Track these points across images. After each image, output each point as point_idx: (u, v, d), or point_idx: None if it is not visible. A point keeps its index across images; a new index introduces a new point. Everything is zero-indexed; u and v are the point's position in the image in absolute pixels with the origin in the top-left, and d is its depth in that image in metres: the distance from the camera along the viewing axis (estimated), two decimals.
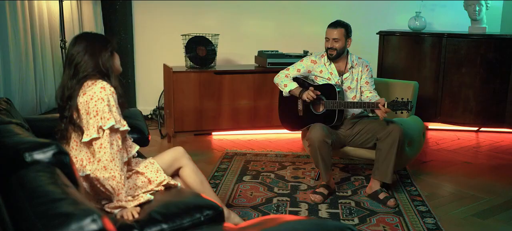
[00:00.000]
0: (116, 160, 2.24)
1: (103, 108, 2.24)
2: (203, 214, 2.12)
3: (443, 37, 4.81)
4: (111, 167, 2.22)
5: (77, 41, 2.38)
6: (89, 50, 2.33)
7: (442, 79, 4.85)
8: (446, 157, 4.62)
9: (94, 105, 2.25)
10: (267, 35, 5.56)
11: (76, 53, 2.33)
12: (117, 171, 2.22)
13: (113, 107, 2.29)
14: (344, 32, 3.58)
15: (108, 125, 2.23)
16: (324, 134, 3.40)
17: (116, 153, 2.25)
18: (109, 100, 2.27)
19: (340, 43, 3.57)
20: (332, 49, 3.58)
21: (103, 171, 2.21)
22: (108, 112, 2.24)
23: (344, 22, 3.61)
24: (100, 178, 2.21)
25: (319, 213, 3.31)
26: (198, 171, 2.67)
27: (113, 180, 2.21)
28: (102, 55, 2.35)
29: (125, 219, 2.10)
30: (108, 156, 2.22)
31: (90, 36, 2.43)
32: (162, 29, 5.57)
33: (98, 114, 2.24)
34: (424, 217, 3.27)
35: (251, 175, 3.99)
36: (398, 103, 3.40)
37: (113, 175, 2.21)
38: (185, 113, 4.60)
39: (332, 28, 3.58)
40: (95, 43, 2.37)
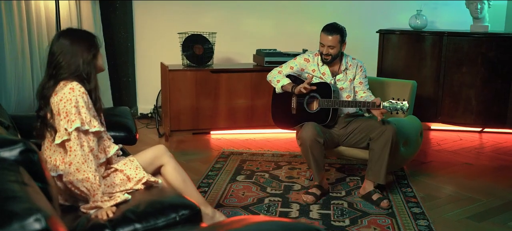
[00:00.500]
0: (88, 161, 2.21)
1: (70, 110, 2.23)
2: (178, 214, 2.08)
3: (444, 35, 4.72)
4: (84, 168, 2.19)
5: (60, 39, 2.35)
6: (71, 51, 2.31)
7: (442, 79, 4.76)
8: (446, 157, 4.53)
9: (63, 106, 2.24)
10: (266, 33, 5.51)
11: (58, 53, 2.32)
12: (90, 172, 2.19)
13: (83, 108, 2.26)
14: (339, 38, 3.49)
15: (73, 126, 2.21)
16: (316, 133, 3.34)
17: (88, 154, 2.22)
18: (77, 101, 2.25)
19: (335, 50, 3.50)
20: (327, 55, 3.52)
21: (76, 173, 2.19)
22: (74, 114, 2.22)
23: (339, 27, 3.51)
24: (73, 181, 2.18)
25: (310, 214, 3.25)
26: (180, 169, 2.63)
27: (87, 182, 2.18)
28: (84, 58, 2.33)
29: (99, 218, 2.06)
30: (79, 158, 2.20)
31: (74, 35, 2.38)
32: (162, 27, 5.55)
33: (67, 116, 2.23)
34: (417, 219, 3.20)
35: (245, 174, 3.95)
36: (393, 104, 3.34)
37: (86, 177, 2.18)
38: (182, 112, 4.57)
39: (327, 34, 3.48)
40: (78, 44, 2.34)
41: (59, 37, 2.37)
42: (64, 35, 2.37)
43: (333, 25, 3.52)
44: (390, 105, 3.34)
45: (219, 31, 5.22)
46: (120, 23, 5.56)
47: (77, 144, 2.21)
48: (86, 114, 2.27)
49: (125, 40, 5.62)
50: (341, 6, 5.35)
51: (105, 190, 2.28)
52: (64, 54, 2.31)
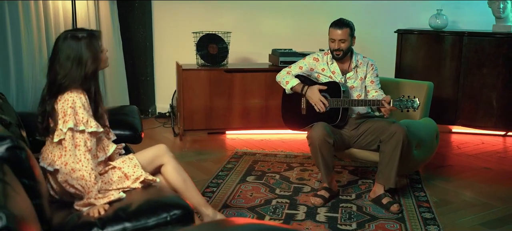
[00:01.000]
0: (83, 160, 2.22)
1: (66, 110, 2.25)
2: (170, 214, 2.06)
3: (464, 35, 4.57)
4: (79, 168, 2.21)
5: (66, 41, 2.33)
6: (77, 60, 2.30)
7: (462, 80, 4.61)
8: (465, 161, 4.39)
9: (61, 107, 2.27)
10: (284, 33, 5.45)
11: (64, 59, 2.30)
12: (86, 171, 2.20)
13: (80, 108, 2.27)
14: (349, 31, 3.44)
15: (66, 126, 2.22)
16: (326, 132, 3.28)
17: (84, 153, 2.23)
18: (74, 101, 2.27)
19: (346, 44, 3.44)
20: (338, 51, 3.45)
21: (72, 173, 2.21)
22: (69, 115, 2.24)
23: (347, 21, 3.47)
24: (68, 180, 2.19)
25: (317, 216, 3.19)
26: (180, 169, 2.61)
27: (82, 180, 2.19)
28: (88, 67, 2.32)
29: (90, 216, 2.06)
30: (74, 158, 2.22)
31: (80, 40, 2.33)
32: (180, 27, 5.55)
33: (64, 116, 2.25)
34: (428, 224, 3.10)
35: (256, 175, 3.91)
36: (403, 101, 3.25)
37: (81, 175, 2.19)
38: (195, 111, 4.57)
39: (337, 29, 3.43)
40: (84, 52, 2.31)
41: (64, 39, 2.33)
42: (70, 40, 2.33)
43: (341, 19, 3.48)
44: (400, 102, 3.25)
45: (237, 31, 5.20)
46: (138, 23, 5.59)
47: (71, 144, 2.23)
48: (83, 115, 2.27)
49: (143, 39, 5.65)
50: (360, 6, 5.26)
51: (102, 186, 2.28)
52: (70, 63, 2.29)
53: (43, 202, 1.87)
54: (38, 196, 1.84)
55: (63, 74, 2.27)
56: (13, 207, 1.30)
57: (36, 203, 1.80)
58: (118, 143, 2.78)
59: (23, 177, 1.77)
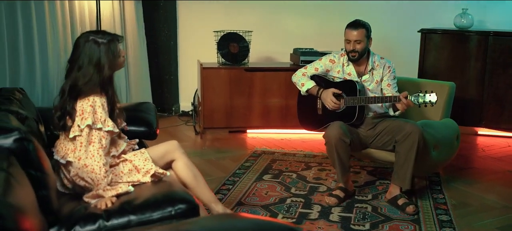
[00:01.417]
0: (96, 156, 2.28)
1: (85, 108, 2.31)
2: (175, 208, 2.09)
3: (489, 35, 4.46)
4: (90, 163, 2.27)
5: (88, 44, 2.37)
6: (97, 65, 2.35)
7: (487, 81, 4.50)
8: (490, 164, 4.29)
9: (81, 105, 2.34)
10: (307, 32, 5.44)
11: (86, 63, 2.35)
12: (97, 165, 2.27)
13: (99, 108, 2.34)
14: (365, 32, 3.39)
15: (85, 123, 2.29)
16: (342, 132, 3.26)
17: (97, 149, 2.30)
18: (94, 100, 2.33)
19: (362, 45, 3.39)
20: (354, 52, 3.41)
21: (84, 168, 2.27)
22: (89, 113, 2.30)
23: (363, 22, 3.43)
24: (79, 173, 2.25)
25: (330, 216, 3.18)
26: (191, 165, 2.64)
27: (93, 173, 2.25)
28: (105, 72, 2.37)
29: (98, 208, 2.11)
30: (87, 154, 2.28)
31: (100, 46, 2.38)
32: (205, 26, 5.58)
33: (82, 113, 2.31)
34: (443, 226, 3.05)
35: (273, 174, 3.91)
36: (421, 96, 3.20)
37: (92, 168, 2.25)
38: (215, 110, 4.60)
39: (352, 29, 3.39)
40: (103, 57, 2.36)
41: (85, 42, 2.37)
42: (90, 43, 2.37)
43: (356, 20, 3.44)
44: (417, 97, 3.20)
45: (260, 30, 5.22)
46: (163, 22, 5.67)
47: (86, 140, 2.29)
48: (101, 114, 2.35)
49: (168, 38, 5.73)
50: (384, 6, 5.20)
51: (112, 178, 2.33)
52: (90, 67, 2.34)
53: (51, 193, 1.93)
54: (45, 187, 1.89)
55: (84, 81, 2.32)
56: (12, 198, 1.34)
57: (42, 194, 1.86)
58: (134, 138, 2.84)
59: (31, 168, 1.83)
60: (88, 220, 1.98)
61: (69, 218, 1.98)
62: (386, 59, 3.55)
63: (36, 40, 4.20)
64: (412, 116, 3.75)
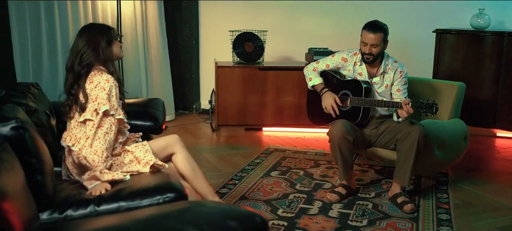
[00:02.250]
0: (102, 139, 2.45)
1: (102, 96, 2.48)
2: (163, 196, 2.20)
3: (504, 36, 4.40)
4: (96, 144, 2.43)
5: (82, 34, 2.63)
6: (91, 42, 2.57)
7: (502, 82, 4.45)
8: (503, 166, 4.24)
9: (96, 92, 2.49)
10: (324, 32, 5.49)
11: (81, 46, 2.57)
12: (101, 148, 2.43)
13: (113, 97, 2.52)
14: (383, 36, 3.35)
15: (102, 109, 2.46)
16: (345, 130, 3.30)
17: (104, 134, 2.46)
18: (110, 90, 2.51)
19: (378, 49, 3.36)
20: (369, 55, 3.39)
21: (88, 147, 2.42)
22: (106, 99, 2.47)
23: (382, 24, 3.38)
24: (82, 151, 2.41)
25: (329, 212, 3.24)
26: (190, 159, 2.76)
27: (95, 155, 2.41)
28: (101, 45, 2.57)
29: (92, 194, 2.25)
30: (95, 135, 2.44)
31: (92, 28, 2.68)
32: (226, 26, 5.71)
33: (96, 100, 2.47)
34: (441, 225, 3.06)
35: (281, 170, 3.99)
36: (422, 105, 3.20)
37: (95, 150, 2.42)
38: (229, 107, 4.72)
39: (370, 33, 3.34)
40: (95, 35, 2.60)
41: (80, 33, 2.64)
42: (83, 31, 2.65)
43: (375, 22, 3.40)
44: (418, 106, 3.20)
45: (280, 30, 5.33)
46: (185, 21, 5.82)
47: (98, 123, 2.45)
48: (115, 103, 2.52)
49: (189, 38, 5.88)
50: (401, 6, 5.19)
51: (114, 168, 2.48)
52: (86, 46, 2.56)
53: (46, 179, 2.08)
54: (40, 173, 2.05)
55: (83, 57, 2.52)
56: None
57: (37, 179, 2.02)
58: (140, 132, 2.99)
59: (26, 155, 1.99)
60: (80, 204, 2.12)
61: (63, 203, 2.13)
62: (399, 63, 3.51)
63: (58, 39, 4.42)
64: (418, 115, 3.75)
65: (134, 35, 5.24)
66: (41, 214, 2.03)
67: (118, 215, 1.85)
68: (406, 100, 3.24)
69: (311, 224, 3.05)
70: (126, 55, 5.25)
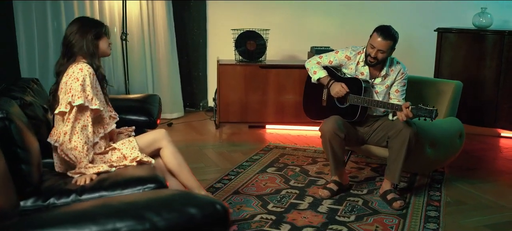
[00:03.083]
0: (80, 133, 2.50)
1: (76, 87, 2.51)
2: (144, 187, 2.29)
3: (505, 34, 4.38)
4: (75, 139, 2.49)
5: (72, 24, 2.71)
6: (79, 31, 2.65)
7: (502, 81, 4.42)
8: (502, 166, 4.22)
9: (70, 83, 2.54)
10: (330, 31, 5.52)
11: (69, 34, 2.67)
12: (80, 143, 2.49)
13: (88, 87, 2.54)
14: (392, 44, 3.33)
15: (77, 102, 2.49)
16: (337, 126, 3.34)
17: (82, 127, 2.51)
18: (84, 79, 2.53)
19: (384, 55, 3.34)
20: (374, 58, 3.37)
21: (68, 143, 2.49)
22: (80, 91, 2.50)
23: (394, 33, 3.34)
24: (64, 149, 2.49)
25: (319, 207, 3.29)
26: (177, 154, 2.82)
27: (75, 150, 2.48)
28: (87, 37, 2.64)
29: (77, 183, 2.35)
30: (73, 130, 2.49)
31: (83, 20, 2.76)
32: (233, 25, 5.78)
33: (70, 92, 2.52)
34: (429, 222, 3.09)
35: (277, 167, 4.05)
36: (422, 109, 3.15)
37: (75, 146, 2.48)
38: (231, 104, 4.79)
39: (381, 39, 3.30)
40: (85, 26, 2.67)
41: (71, 23, 2.73)
42: (74, 21, 2.74)
43: (388, 29, 3.35)
44: (417, 110, 3.16)
45: (286, 28, 5.39)
46: (193, 20, 5.92)
47: (74, 117, 2.50)
48: (90, 92, 2.55)
49: (197, 36, 5.97)
50: (404, 5, 5.20)
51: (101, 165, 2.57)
52: (74, 34, 2.65)
53: (32, 169, 2.19)
54: (26, 163, 2.16)
55: (68, 46, 2.62)
56: None
57: (22, 168, 2.13)
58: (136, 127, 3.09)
59: (12, 145, 2.10)
60: (63, 193, 2.22)
61: (47, 191, 2.23)
62: (402, 64, 3.49)
63: None
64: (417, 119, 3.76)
65: (141, 34, 5.36)
66: (25, 202, 2.14)
67: (87, 202, 1.93)
68: (407, 104, 3.21)
69: (299, 219, 3.10)
70: (132, 53, 5.38)
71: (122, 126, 3.07)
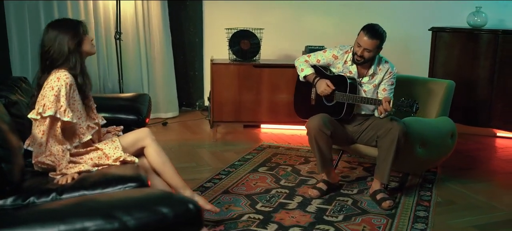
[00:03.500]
0: (51, 142, 2.47)
1: (49, 97, 2.46)
2: (124, 186, 2.28)
3: (498, 34, 4.35)
4: (48, 148, 2.47)
5: (49, 31, 2.58)
6: (59, 45, 2.54)
7: (496, 81, 4.39)
8: (496, 166, 4.20)
9: (45, 91, 2.49)
10: (324, 31, 5.50)
11: (48, 46, 2.55)
12: (56, 150, 2.46)
13: (62, 97, 2.48)
14: (378, 43, 3.32)
15: (47, 113, 2.44)
16: (322, 123, 3.32)
17: (54, 136, 2.47)
18: (59, 90, 2.47)
19: (371, 54, 3.34)
20: (360, 57, 3.37)
21: (41, 154, 2.47)
22: (52, 102, 2.44)
23: (381, 32, 3.32)
24: (38, 159, 2.48)
25: (308, 207, 3.27)
26: (161, 152, 2.80)
27: (51, 156, 2.46)
28: (69, 46, 2.55)
29: (59, 183, 2.34)
30: (45, 140, 2.46)
31: (59, 26, 2.60)
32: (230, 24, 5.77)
33: (43, 100, 2.47)
34: (417, 222, 3.07)
35: (269, 166, 4.04)
36: (403, 103, 3.16)
37: (50, 152, 2.46)
38: (224, 104, 4.78)
39: (368, 38, 3.29)
40: (64, 34, 2.55)
41: (47, 31, 2.59)
42: (51, 28, 2.60)
43: (375, 28, 3.33)
44: (398, 105, 3.16)
45: (280, 28, 5.37)
46: (189, 19, 5.91)
47: (47, 126, 2.46)
48: (63, 104, 2.48)
49: (193, 36, 5.97)
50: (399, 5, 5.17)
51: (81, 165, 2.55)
52: (53, 47, 2.54)
53: (12, 167, 2.18)
54: (6, 161, 2.15)
55: (53, 60, 2.53)
56: None
57: (2, 167, 2.13)
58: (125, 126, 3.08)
59: None
60: (43, 193, 2.22)
61: (28, 190, 2.23)
62: (390, 63, 3.48)
63: None
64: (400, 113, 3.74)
65: (136, 33, 5.36)
66: (4, 201, 2.14)
67: (60, 201, 1.93)
68: (387, 98, 3.23)
69: (287, 219, 3.09)
70: (127, 53, 5.38)
71: (111, 125, 3.06)
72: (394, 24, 5.29)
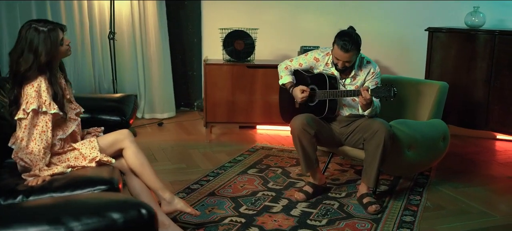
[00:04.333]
0: (38, 139, 2.46)
1: (30, 93, 2.47)
2: (94, 188, 2.25)
3: (495, 34, 4.24)
4: (32, 145, 2.45)
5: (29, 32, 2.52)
6: (35, 49, 2.50)
7: (493, 83, 4.28)
8: (492, 170, 4.10)
9: (26, 90, 2.50)
10: (320, 31, 5.43)
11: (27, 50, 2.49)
12: (37, 148, 2.45)
13: (44, 92, 2.49)
14: (356, 52, 3.25)
15: (31, 107, 2.45)
16: (306, 123, 3.26)
17: (40, 133, 2.47)
18: (39, 85, 2.49)
19: (351, 62, 3.29)
20: (342, 68, 3.30)
21: (25, 148, 2.45)
22: (34, 97, 2.46)
23: (354, 40, 3.23)
24: (19, 154, 2.46)
25: (292, 211, 3.22)
26: (139, 154, 2.77)
27: (31, 154, 2.44)
28: (41, 58, 2.50)
29: (30, 185, 2.31)
30: (30, 136, 2.45)
31: (39, 33, 2.52)
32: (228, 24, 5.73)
33: (26, 98, 2.48)
34: (402, 227, 3.00)
35: (259, 168, 3.99)
36: (380, 90, 3.12)
37: (31, 150, 2.44)
38: (217, 104, 4.74)
39: (343, 52, 3.21)
40: (41, 44, 2.50)
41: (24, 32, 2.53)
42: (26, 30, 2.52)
43: (348, 39, 3.22)
44: (376, 91, 3.12)
45: (276, 28, 5.31)
46: (187, 19, 5.88)
47: (31, 123, 2.47)
48: (46, 98, 2.50)
49: (192, 36, 5.94)
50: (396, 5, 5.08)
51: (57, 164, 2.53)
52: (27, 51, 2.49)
53: None
54: None
55: (26, 67, 2.49)
56: None
57: None
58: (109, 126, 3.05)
59: None
60: (11, 194, 2.19)
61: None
62: (372, 63, 3.43)
63: None
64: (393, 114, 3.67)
65: (131, 33, 5.34)
66: None
67: (8, 205, 1.90)
68: (365, 87, 3.18)
69: (269, 222, 3.04)
70: (123, 53, 5.37)
71: (93, 126, 3.03)
72: (391, 24, 5.22)
